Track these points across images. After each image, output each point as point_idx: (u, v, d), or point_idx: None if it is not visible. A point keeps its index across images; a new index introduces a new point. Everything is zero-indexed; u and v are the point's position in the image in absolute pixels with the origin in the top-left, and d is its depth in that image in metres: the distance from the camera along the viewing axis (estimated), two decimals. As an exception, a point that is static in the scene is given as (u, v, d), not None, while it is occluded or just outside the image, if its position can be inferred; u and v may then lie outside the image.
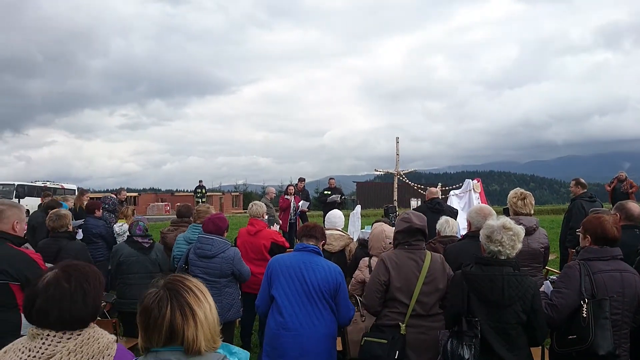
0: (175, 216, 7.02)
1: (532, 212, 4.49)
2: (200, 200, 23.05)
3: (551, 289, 3.39)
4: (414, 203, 11.58)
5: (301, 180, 13.22)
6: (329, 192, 13.19)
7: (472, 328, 2.95)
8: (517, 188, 4.70)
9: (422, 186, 13.82)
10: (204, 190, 25.07)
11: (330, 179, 13.88)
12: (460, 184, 11.70)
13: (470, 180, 11.17)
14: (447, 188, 12.62)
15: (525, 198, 4.45)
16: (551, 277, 4.25)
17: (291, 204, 11.82)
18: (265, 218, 6.10)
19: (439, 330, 3.32)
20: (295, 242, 4.10)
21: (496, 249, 3.04)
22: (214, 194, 35.92)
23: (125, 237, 5.85)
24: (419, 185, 14.30)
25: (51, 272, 1.76)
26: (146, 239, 5.31)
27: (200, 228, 5.06)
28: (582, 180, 7.34)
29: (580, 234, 3.52)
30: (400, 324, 3.42)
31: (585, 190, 7.23)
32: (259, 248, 5.49)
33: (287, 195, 11.95)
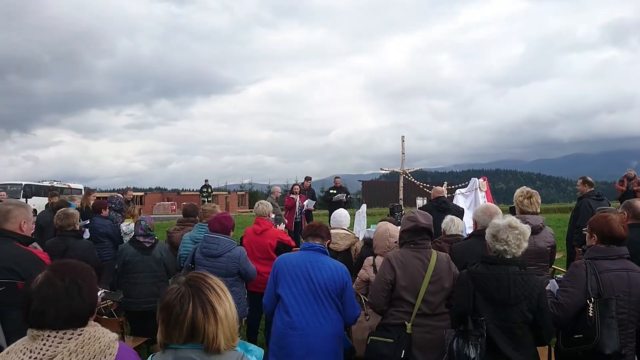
0: (181, 215, 7.04)
1: (539, 211, 4.47)
2: (206, 199, 23.10)
3: (557, 287, 3.38)
4: (420, 202, 11.57)
5: (307, 179, 13.22)
6: (335, 191, 13.18)
7: (478, 327, 2.94)
8: (524, 187, 4.68)
9: (428, 185, 13.78)
10: (209, 190, 25.12)
11: (335, 177, 13.87)
12: (466, 183, 11.67)
13: (476, 178, 11.14)
14: (453, 187, 12.58)
15: (531, 196, 4.44)
16: (558, 276, 4.23)
17: (297, 203, 11.83)
18: (272, 217, 6.11)
19: (445, 330, 3.32)
20: (301, 242, 4.10)
21: (502, 248, 3.03)
22: (220, 193, 35.96)
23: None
24: (424, 184, 14.27)
25: (42, 273, 1.75)
26: (148, 239, 5.29)
27: (206, 227, 5.08)
28: (589, 179, 7.29)
29: (587, 233, 3.51)
30: (406, 323, 3.42)
31: (593, 189, 7.17)
32: (265, 247, 5.50)
33: (293, 194, 11.96)
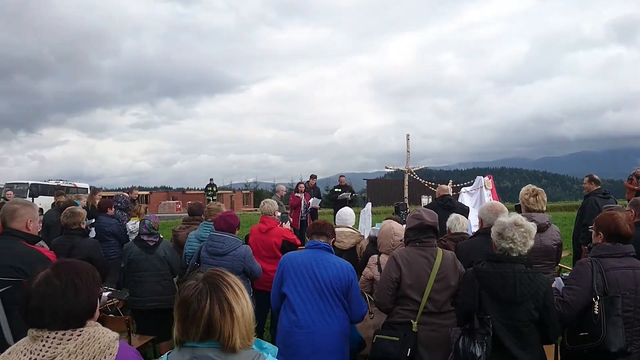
0: (186, 214, 7.06)
1: (545, 209, 4.45)
2: (211, 198, 23.17)
3: (563, 285, 3.37)
4: (425, 200, 11.55)
5: (313, 177, 13.21)
6: (340, 190, 13.17)
7: (484, 326, 2.93)
8: (529, 184, 4.66)
9: (433, 183, 13.76)
10: (214, 189, 25.19)
11: (340, 176, 13.86)
12: (472, 181, 11.65)
13: (482, 177, 11.12)
14: (458, 185, 12.55)
15: (537, 194, 4.42)
16: (564, 274, 4.21)
17: (302, 201, 11.84)
18: (279, 215, 6.11)
19: (451, 328, 3.31)
20: (306, 240, 4.10)
21: (507, 246, 3.02)
22: (225, 191, 36.02)
23: (137, 235, 5.91)
24: (429, 183, 14.24)
25: (43, 272, 1.75)
26: (152, 237, 5.29)
27: (211, 226, 5.09)
28: (596, 177, 7.25)
29: (593, 231, 3.50)
30: (412, 321, 3.41)
31: (599, 187, 7.14)
32: (271, 246, 5.51)
33: (298, 193, 11.96)
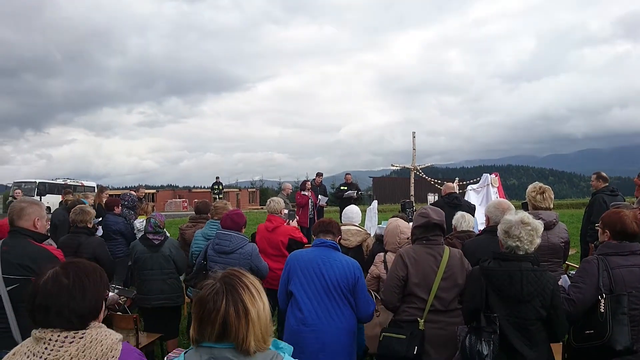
0: (193, 212, 7.08)
1: (552, 207, 4.43)
2: (217, 196, 23.21)
3: (568, 283, 3.36)
4: (431, 198, 11.52)
5: (319, 175, 13.19)
6: (345, 188, 13.18)
7: (491, 324, 2.92)
8: (536, 182, 4.64)
9: (439, 181, 13.71)
10: (221, 187, 25.24)
11: (346, 174, 13.86)
12: (478, 179, 11.60)
13: (488, 174, 11.07)
14: (465, 183, 12.51)
15: (544, 192, 4.39)
16: (571, 272, 4.19)
17: (310, 199, 11.83)
18: (286, 212, 6.12)
19: (457, 326, 3.31)
20: (312, 238, 4.10)
21: (514, 244, 3.01)
22: (231, 190, 36.11)
23: (144, 233, 5.93)
24: (435, 180, 14.19)
25: (51, 270, 1.75)
26: (157, 236, 5.29)
27: (218, 224, 5.11)
28: (604, 174, 7.20)
29: (599, 229, 3.48)
30: (418, 319, 3.40)
31: (607, 184, 7.09)
32: (277, 244, 5.53)
33: (304, 191, 11.93)
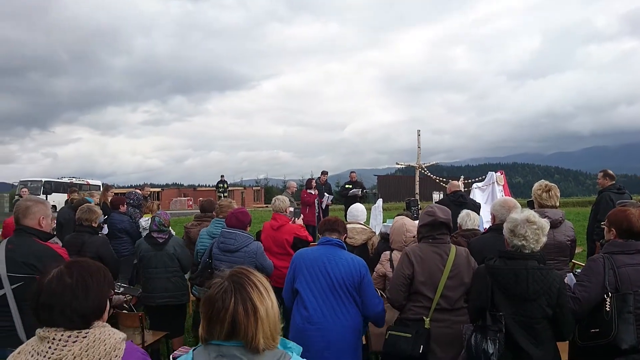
0: (198, 211, 7.09)
1: (558, 205, 4.41)
2: (222, 194, 23.24)
3: (574, 281, 3.34)
4: (436, 196, 11.49)
5: (324, 173, 13.16)
6: (350, 186, 13.15)
7: (497, 322, 2.92)
8: (542, 180, 4.61)
9: (444, 179, 13.68)
10: (225, 185, 25.29)
11: (351, 172, 13.83)
12: (483, 177, 11.56)
13: (494, 172, 11.03)
14: (470, 181, 12.46)
15: (550, 190, 4.37)
16: (577, 271, 4.17)
17: (317, 199, 11.81)
18: (291, 210, 6.12)
19: (463, 325, 3.30)
20: (317, 237, 4.10)
21: (520, 243, 3.00)
22: (236, 188, 36.16)
23: (150, 232, 5.95)
24: (441, 179, 14.15)
25: (56, 269, 1.76)
26: (161, 234, 5.29)
27: (223, 222, 5.11)
28: (610, 172, 7.15)
29: (605, 227, 3.46)
30: (424, 318, 3.39)
31: (614, 182, 7.05)
32: (282, 242, 5.53)
33: (311, 189, 11.88)
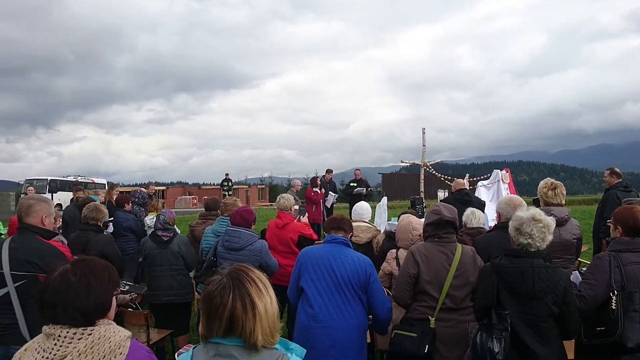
0: (202, 209, 7.10)
1: (564, 203, 4.39)
2: (227, 193, 23.28)
3: (580, 279, 3.33)
4: (441, 194, 11.47)
5: (329, 171, 13.14)
6: (355, 184, 13.14)
7: (502, 321, 2.90)
8: (548, 178, 4.59)
9: (449, 177, 13.64)
10: (230, 184, 25.32)
11: (355, 170, 13.82)
12: (488, 175, 11.53)
13: (499, 170, 11.00)
14: (475, 179, 12.43)
15: (556, 188, 4.35)
16: (583, 269, 4.15)
17: (323, 196, 11.81)
18: (297, 208, 6.12)
19: (468, 323, 3.28)
20: (323, 235, 4.10)
21: (526, 241, 2.98)
22: (240, 186, 36.19)
23: (155, 230, 5.96)
24: (445, 177, 14.12)
25: (62, 267, 1.78)
26: (166, 232, 5.30)
27: (227, 221, 5.11)
28: (617, 170, 7.13)
29: (611, 225, 3.45)
30: (429, 317, 3.38)
31: (620, 180, 7.02)
32: (287, 241, 5.53)
33: (317, 188, 11.84)
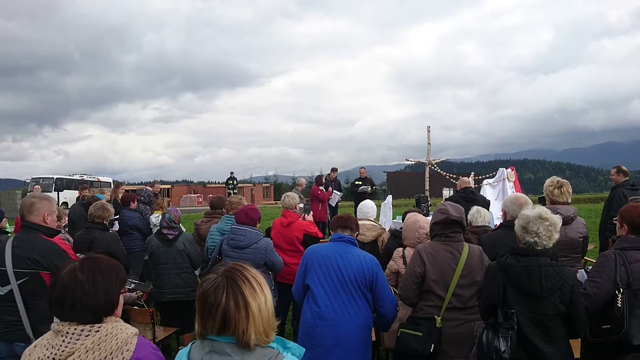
0: (208, 208, 7.13)
1: (570, 201, 4.37)
2: (232, 191, 23.32)
3: (585, 277, 3.32)
4: (446, 193, 11.46)
5: (334, 170, 13.14)
6: (360, 182, 13.14)
7: (508, 320, 2.89)
8: (554, 176, 4.58)
9: (455, 175, 13.61)
10: (235, 182, 25.35)
11: (360, 168, 13.81)
12: (494, 173, 11.51)
13: (504, 168, 10.97)
14: (480, 177, 12.40)
15: (562, 186, 4.34)
16: (589, 268, 4.13)
17: (330, 195, 11.81)
18: (301, 206, 6.13)
19: (474, 322, 3.27)
20: (328, 233, 4.09)
21: (532, 240, 2.96)
22: (245, 185, 36.23)
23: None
24: (451, 175, 14.09)
25: (71, 264, 1.80)
26: (171, 231, 5.32)
27: (232, 219, 5.13)
28: (624, 168, 7.10)
29: (617, 223, 3.44)
30: (435, 316, 3.38)
31: (627, 178, 6.99)
32: (292, 239, 5.53)
33: (321, 186, 11.83)
